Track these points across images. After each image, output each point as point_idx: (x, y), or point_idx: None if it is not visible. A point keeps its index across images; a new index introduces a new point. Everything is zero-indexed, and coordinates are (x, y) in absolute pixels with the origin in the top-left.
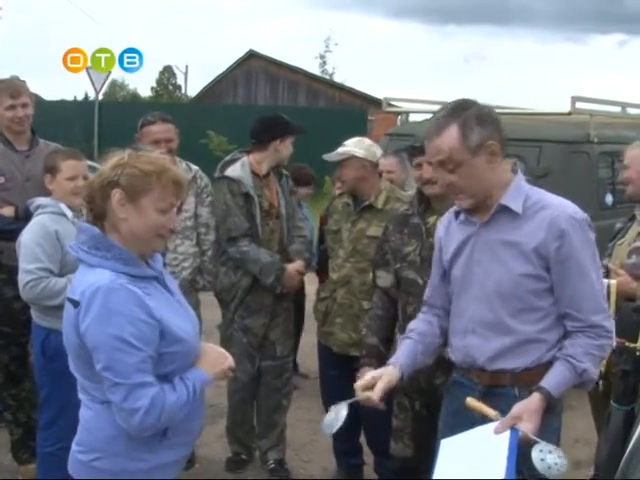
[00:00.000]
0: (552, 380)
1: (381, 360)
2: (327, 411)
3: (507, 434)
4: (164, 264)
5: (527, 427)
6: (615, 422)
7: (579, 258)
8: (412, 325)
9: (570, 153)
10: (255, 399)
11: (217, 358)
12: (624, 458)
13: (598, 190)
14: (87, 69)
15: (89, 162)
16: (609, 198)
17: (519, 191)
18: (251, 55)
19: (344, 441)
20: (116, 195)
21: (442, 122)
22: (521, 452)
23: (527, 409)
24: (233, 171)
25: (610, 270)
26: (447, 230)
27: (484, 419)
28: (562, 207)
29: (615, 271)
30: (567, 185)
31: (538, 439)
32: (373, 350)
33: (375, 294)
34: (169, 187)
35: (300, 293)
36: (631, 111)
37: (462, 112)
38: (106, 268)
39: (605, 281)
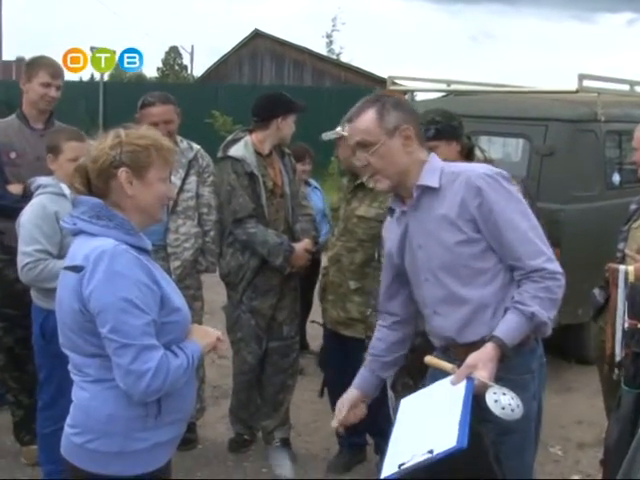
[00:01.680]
0: (503, 328)
1: None
2: (329, 392)
3: (463, 384)
4: (165, 245)
5: (482, 374)
6: (625, 404)
7: (501, 209)
8: (371, 345)
9: (577, 132)
10: (260, 380)
11: (205, 331)
12: (635, 439)
13: (605, 169)
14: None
15: (93, 142)
16: (616, 177)
17: (433, 168)
18: (256, 35)
19: None
20: (123, 174)
21: (361, 106)
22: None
23: (481, 358)
24: (236, 151)
25: (627, 255)
26: (388, 230)
27: None
28: (473, 168)
29: (633, 257)
30: (573, 164)
31: (493, 384)
32: None
33: (380, 273)
34: (167, 157)
35: (314, 272)
36: (639, 89)
37: (381, 98)
38: (109, 236)
39: (622, 267)
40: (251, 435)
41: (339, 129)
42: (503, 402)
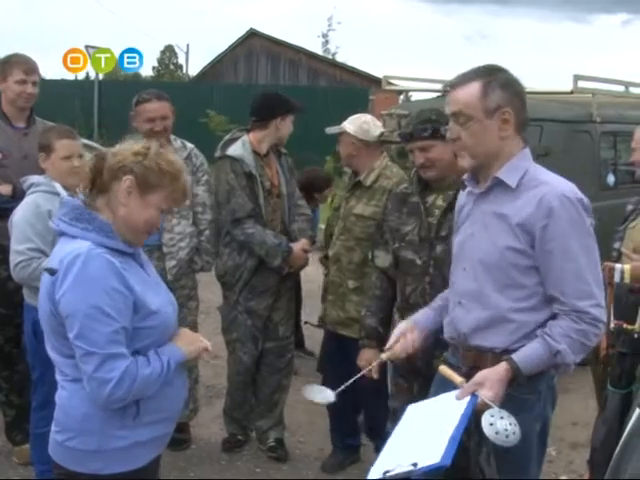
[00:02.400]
0: (523, 353)
1: (380, 341)
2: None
3: (466, 400)
4: (160, 245)
5: (486, 394)
6: (612, 405)
7: (566, 239)
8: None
9: (572, 132)
10: (255, 380)
11: (193, 338)
12: (621, 441)
13: (600, 170)
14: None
15: (88, 141)
16: (611, 178)
17: (518, 166)
18: (252, 34)
19: (341, 422)
20: (127, 182)
21: (468, 76)
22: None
23: (490, 377)
24: (234, 150)
25: (623, 254)
26: (462, 201)
27: None
28: (556, 185)
29: (628, 255)
30: (568, 165)
31: (494, 405)
32: (372, 332)
33: (374, 274)
34: (178, 193)
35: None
36: (634, 90)
37: (492, 72)
38: (87, 239)
39: (618, 266)
40: (245, 435)
41: (342, 124)
42: (498, 426)
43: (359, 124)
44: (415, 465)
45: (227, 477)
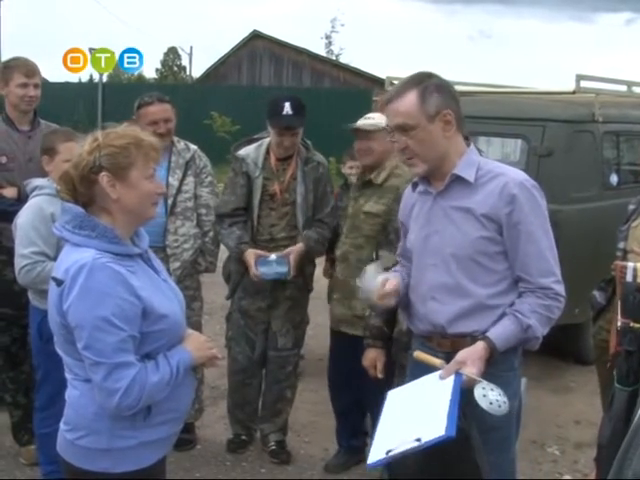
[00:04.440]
0: (497, 331)
1: (385, 341)
2: (331, 395)
3: (452, 379)
4: (165, 246)
5: (471, 370)
6: (618, 403)
7: (528, 223)
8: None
9: (574, 132)
10: (260, 384)
11: (203, 343)
12: (626, 439)
13: (602, 170)
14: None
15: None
16: (614, 178)
17: (472, 161)
18: (255, 36)
19: (347, 423)
20: (104, 179)
21: (403, 87)
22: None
23: (470, 355)
24: (245, 150)
25: (632, 252)
26: (407, 200)
27: None
28: (513, 174)
29: (639, 253)
30: (571, 165)
31: (481, 379)
32: (377, 331)
33: None
34: (150, 154)
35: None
36: (637, 90)
37: (424, 80)
38: (91, 247)
39: (631, 265)
40: (249, 436)
41: (376, 121)
42: (491, 397)
43: (384, 122)
44: (420, 440)
45: (232, 477)
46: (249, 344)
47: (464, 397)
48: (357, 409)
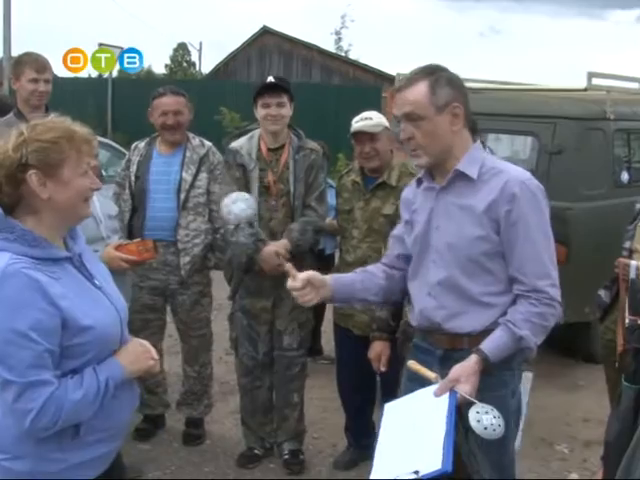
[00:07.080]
0: (490, 344)
1: (391, 333)
2: (341, 396)
3: (446, 397)
4: (176, 241)
5: (464, 389)
6: (626, 401)
7: (528, 222)
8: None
9: (585, 130)
10: (270, 389)
11: (141, 354)
12: (634, 439)
13: (614, 167)
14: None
15: (102, 138)
16: (625, 176)
17: (475, 158)
18: (265, 32)
19: (357, 421)
20: (32, 177)
21: (414, 77)
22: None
23: (464, 371)
24: (237, 142)
25: (635, 252)
26: (410, 196)
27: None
28: (516, 173)
29: None
30: (582, 162)
31: (475, 400)
32: (384, 323)
33: None
34: (83, 148)
35: None
36: None
37: (435, 72)
38: (8, 251)
39: (634, 263)
40: (262, 447)
41: (378, 121)
42: (485, 422)
43: (383, 120)
44: (417, 473)
45: (241, 472)
46: (252, 344)
47: (458, 413)
48: (367, 408)
